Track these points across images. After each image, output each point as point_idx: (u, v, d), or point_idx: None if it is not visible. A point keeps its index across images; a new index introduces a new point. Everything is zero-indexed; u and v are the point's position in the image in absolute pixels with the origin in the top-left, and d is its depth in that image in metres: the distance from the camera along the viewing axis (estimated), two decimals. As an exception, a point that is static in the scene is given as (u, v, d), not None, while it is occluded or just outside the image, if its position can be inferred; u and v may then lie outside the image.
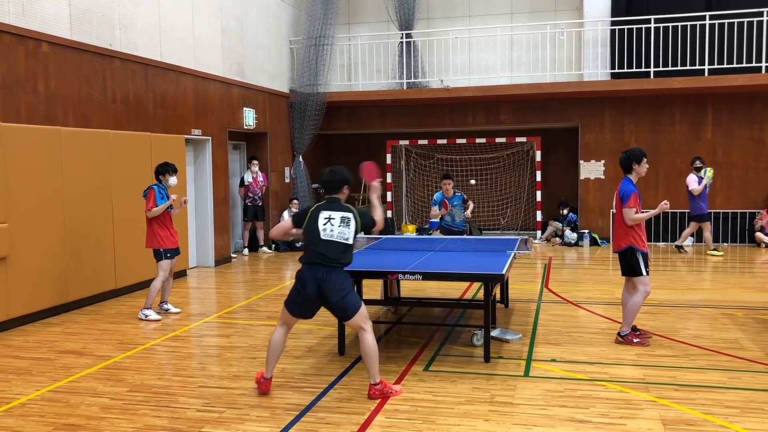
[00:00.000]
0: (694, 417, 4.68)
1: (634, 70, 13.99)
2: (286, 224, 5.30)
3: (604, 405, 4.93)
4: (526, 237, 9.37)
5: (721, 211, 14.10)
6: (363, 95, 15.26)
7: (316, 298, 5.08)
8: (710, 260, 12.18)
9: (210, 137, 11.92)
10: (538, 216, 15.40)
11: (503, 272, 6.01)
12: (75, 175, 8.42)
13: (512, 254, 7.04)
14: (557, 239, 14.90)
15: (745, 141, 14.16)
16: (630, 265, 6.48)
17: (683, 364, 5.89)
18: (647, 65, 13.85)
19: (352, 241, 5.13)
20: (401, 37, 15.35)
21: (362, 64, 15.93)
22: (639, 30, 13.94)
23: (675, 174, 14.39)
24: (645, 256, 6.45)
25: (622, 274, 6.64)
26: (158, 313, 8.06)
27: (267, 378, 5.29)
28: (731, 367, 5.80)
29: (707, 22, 13.45)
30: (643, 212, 6.50)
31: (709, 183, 12.66)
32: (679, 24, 13.65)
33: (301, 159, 15.05)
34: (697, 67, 13.59)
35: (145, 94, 10.19)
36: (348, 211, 5.17)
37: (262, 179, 13.42)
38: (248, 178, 13.26)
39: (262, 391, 5.26)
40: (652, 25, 13.65)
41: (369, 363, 5.12)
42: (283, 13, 14.99)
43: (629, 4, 14.52)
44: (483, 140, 15.72)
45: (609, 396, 5.12)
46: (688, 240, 13.42)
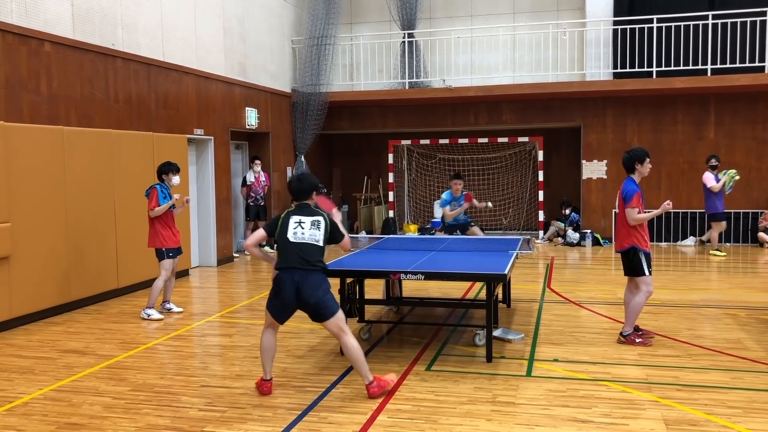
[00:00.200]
0: (697, 417, 4.67)
1: (636, 69, 13.98)
2: (259, 233, 5.24)
3: (606, 405, 4.92)
4: (528, 237, 9.37)
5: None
6: (365, 95, 15.26)
7: (294, 301, 5.05)
8: (713, 260, 12.17)
9: (212, 137, 11.93)
10: (541, 216, 15.39)
11: (505, 272, 6.01)
12: (77, 175, 8.43)
13: (514, 254, 7.04)
14: (559, 239, 14.89)
15: (748, 141, 14.13)
16: (632, 265, 6.48)
17: (686, 364, 5.88)
18: (650, 65, 13.83)
19: (323, 243, 5.12)
20: (403, 37, 15.34)
21: (364, 64, 15.94)
22: (641, 30, 13.92)
23: (677, 174, 14.38)
24: (647, 256, 6.45)
25: (625, 274, 6.64)
26: (160, 312, 8.08)
27: (267, 380, 5.29)
28: (734, 367, 5.79)
29: (710, 21, 13.43)
30: (645, 212, 6.50)
31: (730, 184, 12.39)
32: (681, 24, 13.63)
33: (303, 159, 15.04)
34: (700, 67, 13.57)
35: (148, 94, 10.20)
36: (318, 215, 5.18)
37: (264, 179, 13.43)
38: (250, 177, 13.27)
39: (263, 393, 5.26)
40: (654, 25, 13.64)
41: (357, 366, 5.12)
42: (285, 12, 14.99)
43: (631, 4, 14.51)
44: (485, 140, 15.72)
45: (611, 396, 5.11)
46: (714, 239, 12.88)
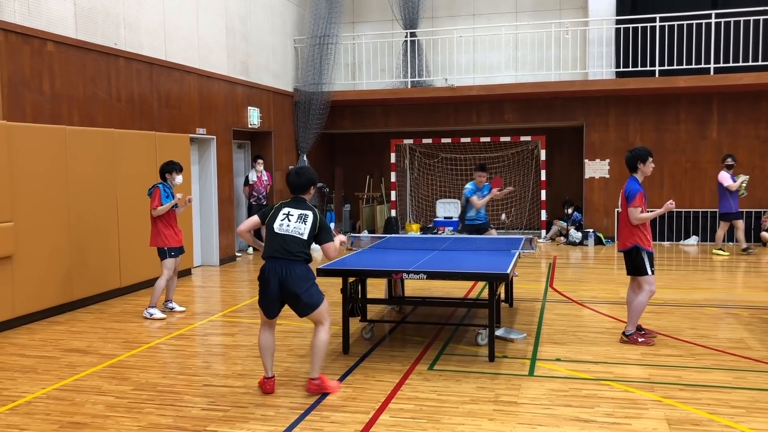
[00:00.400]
0: (700, 417, 4.66)
1: (639, 68, 13.95)
2: (253, 220, 5.29)
3: (609, 404, 4.92)
4: (530, 236, 9.36)
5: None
6: (367, 94, 15.26)
7: (279, 294, 5.07)
8: (715, 260, 12.15)
9: (215, 136, 11.94)
10: (543, 215, 15.38)
11: (507, 271, 6.01)
12: (80, 174, 8.44)
13: (517, 253, 7.04)
14: (562, 238, 14.88)
15: (751, 140, 14.11)
16: (635, 265, 6.47)
17: (688, 364, 5.88)
18: (652, 64, 13.82)
19: (306, 237, 5.10)
20: (405, 36, 15.34)
21: (366, 63, 15.94)
22: (644, 28, 13.91)
23: (680, 173, 14.36)
24: (650, 256, 6.44)
25: (627, 274, 6.63)
26: (163, 311, 8.08)
27: (269, 378, 5.29)
28: (737, 366, 5.78)
29: (713, 20, 13.41)
30: (648, 211, 6.49)
31: (743, 189, 12.42)
32: (684, 22, 13.60)
33: (305, 158, 15.05)
34: (703, 66, 13.54)
35: (150, 93, 10.21)
36: (308, 210, 5.18)
37: (266, 178, 13.43)
38: (253, 177, 13.27)
39: (266, 392, 5.26)
40: (657, 24, 13.62)
41: (315, 356, 5.16)
42: (288, 12, 14.99)
43: (634, 3, 14.49)
44: (487, 139, 15.71)
45: (614, 395, 5.10)
46: (741, 238, 12.77)
